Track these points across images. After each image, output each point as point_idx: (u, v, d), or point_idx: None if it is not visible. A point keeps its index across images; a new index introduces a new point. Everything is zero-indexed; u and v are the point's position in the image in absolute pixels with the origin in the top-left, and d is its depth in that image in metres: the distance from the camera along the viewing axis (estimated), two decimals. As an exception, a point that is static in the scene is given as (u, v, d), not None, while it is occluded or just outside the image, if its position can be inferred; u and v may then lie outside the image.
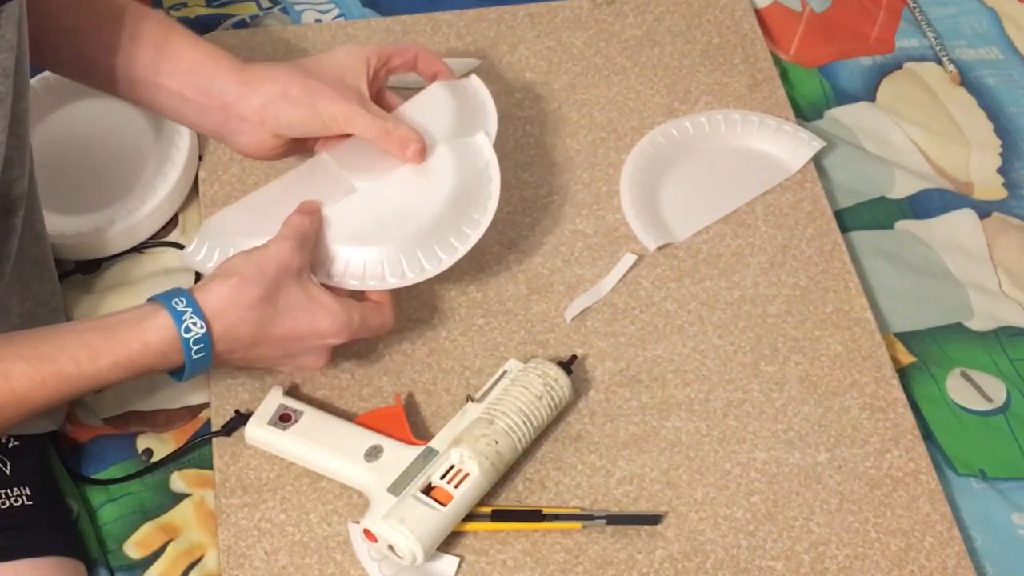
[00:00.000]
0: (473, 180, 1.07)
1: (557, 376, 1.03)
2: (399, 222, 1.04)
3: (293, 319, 0.96)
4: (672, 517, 1.01)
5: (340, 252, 1.02)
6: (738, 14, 1.36)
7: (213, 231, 1.05)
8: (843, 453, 1.05)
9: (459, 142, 1.08)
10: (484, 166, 1.08)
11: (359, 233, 1.03)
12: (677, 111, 1.27)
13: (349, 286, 1.02)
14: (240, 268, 0.95)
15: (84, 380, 0.89)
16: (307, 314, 0.96)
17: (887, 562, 1.00)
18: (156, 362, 0.91)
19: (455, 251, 1.04)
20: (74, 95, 1.23)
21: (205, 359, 0.93)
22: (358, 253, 1.02)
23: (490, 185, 1.07)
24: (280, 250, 0.96)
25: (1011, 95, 1.34)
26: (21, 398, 0.88)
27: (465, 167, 1.07)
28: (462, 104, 1.12)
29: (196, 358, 0.92)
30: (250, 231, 1.03)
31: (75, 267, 1.16)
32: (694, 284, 1.15)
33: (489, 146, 1.09)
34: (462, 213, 1.05)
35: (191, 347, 0.91)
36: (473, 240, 1.04)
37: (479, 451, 0.98)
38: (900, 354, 1.13)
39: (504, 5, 1.34)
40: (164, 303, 0.92)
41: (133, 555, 1.01)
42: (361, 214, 1.04)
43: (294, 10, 1.37)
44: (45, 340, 0.90)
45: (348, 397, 1.06)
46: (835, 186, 1.24)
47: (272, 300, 0.95)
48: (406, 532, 0.94)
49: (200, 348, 0.92)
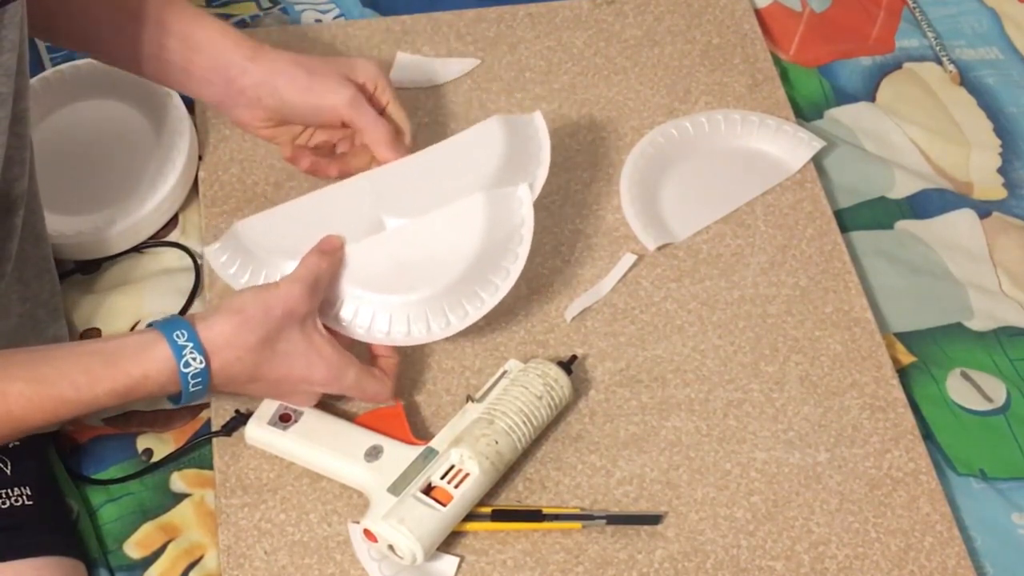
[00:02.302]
0: (502, 239, 1.04)
1: (557, 376, 1.03)
2: (419, 274, 1.02)
3: (288, 365, 0.96)
4: (672, 517, 1.01)
5: (353, 295, 1.01)
6: (738, 14, 1.36)
7: (241, 237, 1.05)
8: (843, 453, 1.05)
9: (499, 193, 1.04)
10: (519, 223, 1.05)
11: (377, 278, 1.02)
12: (677, 111, 1.27)
13: (355, 335, 1.02)
14: (247, 307, 0.94)
15: (81, 405, 0.90)
16: (303, 360, 0.97)
17: (887, 562, 1.00)
18: (153, 391, 0.92)
19: (465, 317, 1.02)
20: (74, 95, 1.23)
21: (202, 391, 0.93)
22: (370, 300, 1.01)
23: (518, 248, 1.04)
24: (289, 294, 0.95)
25: (1011, 95, 1.34)
26: (17, 419, 0.88)
27: (498, 223, 1.04)
28: (515, 144, 1.08)
29: (193, 391, 0.93)
30: (275, 247, 1.03)
31: (75, 267, 1.16)
32: (694, 284, 1.15)
33: (529, 202, 1.05)
34: (483, 275, 1.03)
35: (189, 381, 0.92)
36: (487, 308, 1.03)
37: (479, 451, 0.98)
38: (900, 354, 1.13)
39: (504, 5, 1.35)
40: (166, 335, 0.91)
41: (133, 555, 1.01)
42: (384, 257, 1.02)
43: (294, 10, 1.37)
44: (46, 362, 0.90)
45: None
46: (835, 186, 1.24)
47: (272, 343, 0.95)
48: (406, 532, 0.94)
49: (198, 382, 0.92)
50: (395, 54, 1.30)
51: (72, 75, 1.22)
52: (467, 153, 1.07)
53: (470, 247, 1.03)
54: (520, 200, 1.05)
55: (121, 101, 1.23)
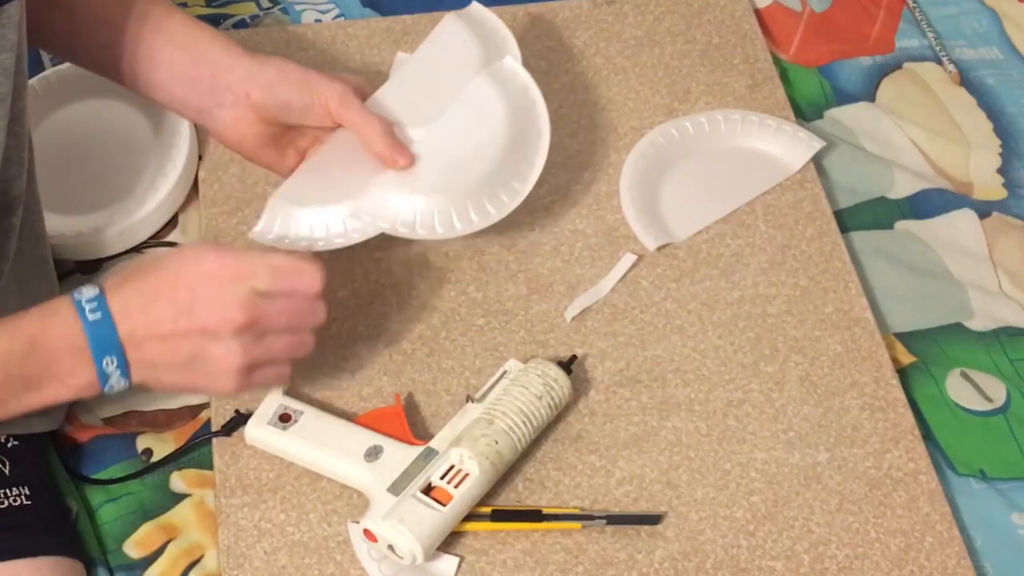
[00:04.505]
0: (522, 113, 1.10)
1: (557, 376, 1.03)
2: (463, 169, 1.07)
3: (179, 267, 0.90)
4: (672, 517, 1.01)
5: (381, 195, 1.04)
6: (738, 14, 1.36)
7: (279, 210, 1.05)
8: (843, 453, 1.05)
9: (492, 69, 1.11)
10: (523, 87, 1.11)
11: (426, 181, 1.05)
12: (677, 111, 1.27)
13: (377, 228, 1.04)
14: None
15: None
16: (193, 257, 0.91)
17: (887, 562, 1.00)
18: (60, 349, 0.87)
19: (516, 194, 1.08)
20: (74, 95, 1.23)
21: (105, 324, 0.87)
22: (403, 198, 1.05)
23: (539, 124, 1.10)
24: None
25: (1011, 95, 1.34)
26: None
27: (507, 95, 1.10)
28: (478, 32, 1.14)
29: (92, 319, 0.87)
30: (316, 200, 1.04)
31: (75, 267, 1.16)
32: (694, 284, 1.15)
33: (522, 69, 1.12)
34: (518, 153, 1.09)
35: (84, 308, 0.87)
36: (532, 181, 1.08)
37: (479, 451, 0.98)
38: (900, 354, 1.13)
39: (504, 5, 1.34)
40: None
41: (133, 555, 1.01)
42: (427, 163, 1.06)
43: (294, 10, 1.37)
44: None
45: (348, 397, 1.06)
46: (835, 186, 1.24)
47: (161, 264, 0.91)
48: (406, 532, 0.94)
49: (93, 307, 0.87)
50: (395, 54, 1.29)
51: (72, 75, 1.22)
52: (444, 52, 1.13)
53: (501, 125, 1.09)
54: (513, 70, 1.12)
55: (121, 101, 1.23)
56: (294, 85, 1.04)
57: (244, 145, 1.07)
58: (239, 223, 1.17)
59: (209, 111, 1.05)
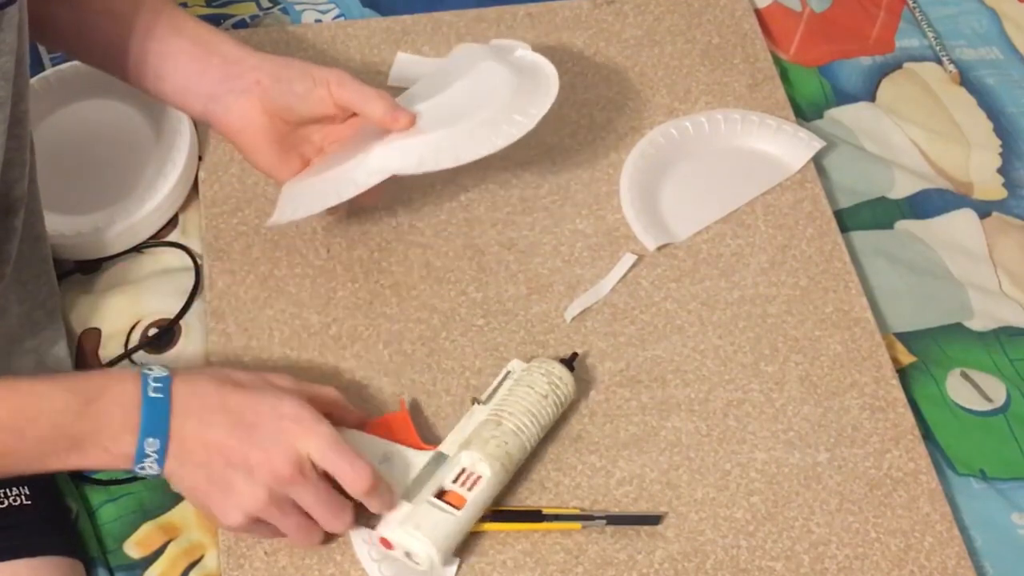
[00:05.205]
0: (528, 74, 1.10)
1: (561, 374, 1.03)
2: (467, 114, 1.06)
3: (257, 397, 0.93)
4: (672, 517, 1.01)
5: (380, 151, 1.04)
6: (738, 14, 1.36)
7: (289, 187, 1.07)
8: (843, 453, 1.05)
9: (504, 56, 1.11)
10: (533, 64, 1.11)
11: (428, 124, 1.05)
12: (677, 111, 1.27)
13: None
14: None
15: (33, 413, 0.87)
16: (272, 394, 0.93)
17: (887, 562, 1.00)
18: (112, 413, 0.88)
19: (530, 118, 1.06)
20: (74, 95, 1.23)
21: (163, 404, 0.89)
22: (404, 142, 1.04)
23: (547, 81, 1.10)
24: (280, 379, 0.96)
25: (1011, 95, 1.34)
26: None
27: (517, 67, 1.10)
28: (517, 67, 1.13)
29: (153, 396, 0.88)
30: (325, 186, 1.05)
31: (75, 267, 1.16)
32: (694, 284, 1.15)
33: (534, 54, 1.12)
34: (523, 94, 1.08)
35: (149, 383, 0.88)
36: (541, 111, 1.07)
37: (489, 453, 0.98)
38: (900, 354, 1.13)
39: (504, 5, 1.34)
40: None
41: (133, 555, 1.01)
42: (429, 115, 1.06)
43: (294, 10, 1.37)
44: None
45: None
46: (835, 186, 1.24)
47: (240, 384, 0.93)
48: (422, 538, 0.94)
49: (158, 387, 0.89)
50: (395, 54, 1.30)
51: (72, 75, 1.22)
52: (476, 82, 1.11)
53: (505, 79, 1.08)
54: (524, 56, 1.12)
55: (121, 101, 1.23)
56: (297, 71, 1.05)
57: (247, 135, 1.06)
58: (239, 223, 1.17)
59: (218, 98, 1.05)
